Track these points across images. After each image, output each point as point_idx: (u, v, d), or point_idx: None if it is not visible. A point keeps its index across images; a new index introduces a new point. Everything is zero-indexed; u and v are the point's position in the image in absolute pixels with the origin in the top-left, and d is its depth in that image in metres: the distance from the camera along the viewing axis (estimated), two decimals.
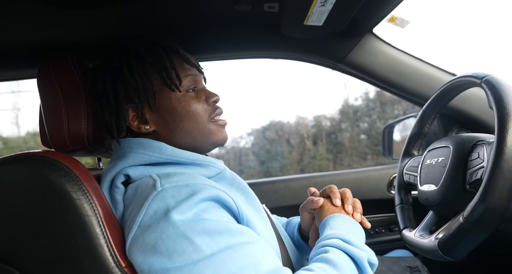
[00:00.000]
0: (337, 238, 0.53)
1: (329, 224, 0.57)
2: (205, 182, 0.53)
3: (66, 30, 0.75)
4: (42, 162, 0.52)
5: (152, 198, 0.49)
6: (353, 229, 0.57)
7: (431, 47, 1.32)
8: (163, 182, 0.51)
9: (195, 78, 0.66)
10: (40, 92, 0.69)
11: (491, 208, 0.52)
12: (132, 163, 0.59)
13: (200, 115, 0.64)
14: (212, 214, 0.48)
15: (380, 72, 1.02)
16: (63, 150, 0.66)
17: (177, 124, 0.63)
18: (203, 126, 0.64)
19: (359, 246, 0.52)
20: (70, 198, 0.50)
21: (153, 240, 0.46)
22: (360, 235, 0.57)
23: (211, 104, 0.66)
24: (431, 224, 0.76)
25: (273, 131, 4.19)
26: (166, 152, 0.60)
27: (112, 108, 0.62)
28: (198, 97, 0.65)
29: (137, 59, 0.63)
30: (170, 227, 0.45)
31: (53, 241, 0.50)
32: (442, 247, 0.61)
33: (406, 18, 0.89)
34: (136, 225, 0.48)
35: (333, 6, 0.72)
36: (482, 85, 0.64)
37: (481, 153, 0.65)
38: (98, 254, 0.49)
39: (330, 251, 0.50)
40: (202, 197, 0.48)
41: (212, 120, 0.65)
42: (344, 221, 0.58)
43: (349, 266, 0.49)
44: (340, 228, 0.55)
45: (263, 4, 0.77)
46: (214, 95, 0.67)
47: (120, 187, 0.58)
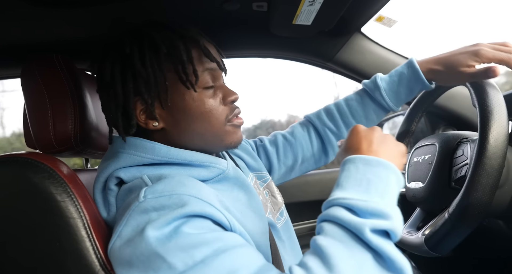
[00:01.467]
0: (338, 205, 0.43)
1: (340, 176, 0.48)
2: (193, 192, 0.47)
3: (51, 29, 0.73)
4: (25, 164, 0.51)
5: (133, 208, 0.47)
6: (370, 179, 0.45)
7: (418, 46, 1.34)
8: (147, 192, 0.48)
9: (214, 73, 0.58)
10: (24, 92, 0.67)
11: (475, 204, 0.53)
12: (124, 164, 0.55)
13: (215, 117, 0.57)
14: (191, 226, 0.44)
15: (368, 71, 1.03)
16: (49, 151, 0.65)
17: (188, 124, 0.57)
18: (217, 128, 0.58)
19: (363, 210, 0.41)
20: (55, 200, 0.50)
21: (128, 255, 0.44)
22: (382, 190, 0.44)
23: (229, 104, 0.59)
24: (418, 220, 0.77)
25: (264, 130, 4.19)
26: (160, 153, 0.55)
27: (119, 101, 0.55)
28: (215, 96, 0.58)
29: (150, 48, 0.54)
30: (143, 244, 0.43)
31: (37, 245, 0.49)
32: (428, 243, 0.62)
33: (393, 18, 0.90)
34: (116, 235, 0.46)
35: (322, 5, 0.73)
36: (466, 84, 0.65)
37: (465, 150, 0.67)
38: (83, 257, 0.48)
39: (326, 234, 0.42)
40: (184, 212, 0.44)
41: (228, 122, 0.59)
42: (360, 167, 0.46)
43: (345, 251, 0.40)
44: (349, 186, 0.45)
45: (251, 3, 0.77)
46: (233, 94, 0.59)
47: (113, 189, 0.56)
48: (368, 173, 0.45)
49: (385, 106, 0.75)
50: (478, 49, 0.63)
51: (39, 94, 0.64)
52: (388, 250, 0.39)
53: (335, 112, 0.80)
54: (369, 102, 0.76)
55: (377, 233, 0.40)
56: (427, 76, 0.70)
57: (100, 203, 0.57)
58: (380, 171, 0.46)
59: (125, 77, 0.55)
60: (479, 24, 2.60)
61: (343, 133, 0.79)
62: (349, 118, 0.78)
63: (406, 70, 0.72)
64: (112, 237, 0.47)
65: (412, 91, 0.72)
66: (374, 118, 0.77)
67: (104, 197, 0.57)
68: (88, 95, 0.71)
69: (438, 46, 2.02)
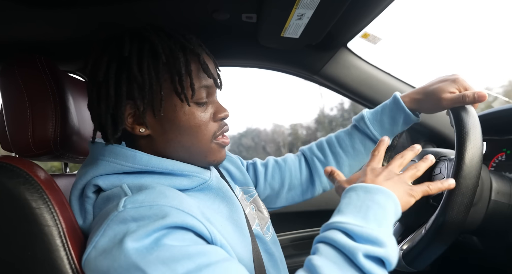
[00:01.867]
0: (335, 228, 0.45)
1: (341, 203, 0.49)
2: (174, 203, 0.47)
3: (35, 30, 0.72)
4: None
5: (112, 218, 0.45)
6: (369, 205, 0.46)
7: (400, 63, 1.41)
8: (127, 202, 0.46)
9: (209, 90, 0.58)
10: (3, 93, 0.65)
11: (450, 221, 0.55)
12: (103, 171, 0.54)
13: (203, 132, 0.57)
14: (172, 238, 0.43)
15: (353, 85, 1.05)
16: (26, 155, 0.63)
17: (175, 135, 0.56)
18: (203, 144, 0.58)
19: (358, 235, 0.43)
20: (29, 207, 0.48)
21: (105, 268, 0.43)
22: (381, 217, 0.45)
23: (218, 121, 0.59)
24: (397, 235, 0.79)
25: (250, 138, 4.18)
26: (140, 162, 0.54)
27: (110, 101, 0.53)
28: (205, 111, 0.58)
29: (150, 54, 0.53)
30: (122, 255, 0.41)
31: (9, 253, 0.47)
32: (406, 258, 0.63)
33: (378, 35, 0.93)
34: (92, 245, 0.45)
35: (309, 20, 0.75)
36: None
37: (443, 168, 0.69)
38: (57, 267, 0.46)
39: (321, 254, 0.44)
40: (165, 223, 0.43)
41: (215, 139, 0.59)
42: (361, 195, 0.48)
43: (338, 272, 0.41)
44: (348, 211, 0.47)
45: (241, 14, 0.78)
46: (224, 111, 0.59)
47: (90, 196, 0.54)
48: (368, 199, 0.47)
49: (370, 136, 0.77)
50: (457, 77, 0.68)
51: (19, 95, 0.62)
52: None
53: (324, 143, 0.82)
54: (355, 132, 0.79)
55: (370, 259, 0.42)
56: (411, 106, 0.73)
57: (76, 210, 0.55)
58: (379, 198, 0.47)
59: (119, 79, 0.53)
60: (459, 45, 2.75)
61: (330, 162, 0.80)
62: (336, 148, 0.80)
63: (388, 101, 0.76)
64: (87, 247, 0.46)
65: (395, 120, 0.75)
66: (361, 149, 0.79)
67: (81, 204, 0.55)
68: (70, 98, 0.69)
69: (420, 65, 2.09)
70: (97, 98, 0.55)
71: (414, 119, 0.74)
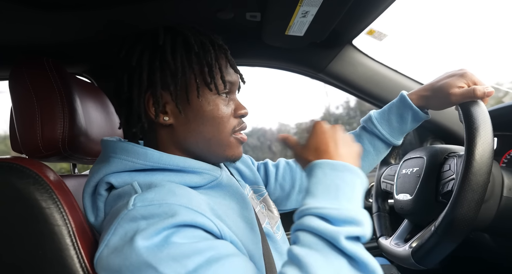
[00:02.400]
0: (312, 214, 0.45)
1: (309, 182, 0.49)
2: (183, 201, 0.47)
3: (43, 32, 0.73)
4: (9, 169, 0.50)
5: (122, 216, 0.46)
6: (338, 184, 0.47)
7: (407, 59, 1.38)
8: (136, 200, 0.47)
9: (232, 86, 0.61)
10: (12, 95, 0.66)
11: (460, 219, 0.54)
12: (115, 169, 0.54)
13: (224, 124, 0.58)
14: (182, 236, 0.44)
15: (359, 83, 1.04)
16: (35, 156, 0.63)
17: (197, 125, 0.57)
18: (223, 137, 0.59)
19: (337, 219, 0.43)
20: (39, 207, 0.48)
21: (117, 266, 0.43)
22: (350, 195, 0.46)
23: (238, 118, 0.61)
24: (406, 232, 0.78)
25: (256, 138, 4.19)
26: (152, 159, 0.54)
27: (142, 87, 0.55)
28: (228, 106, 0.59)
29: (183, 45, 0.56)
30: (133, 254, 0.42)
31: (19, 253, 0.48)
32: (415, 256, 0.62)
33: (383, 32, 0.92)
34: (104, 243, 0.45)
35: (314, 17, 0.74)
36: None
37: (452, 165, 0.68)
38: (67, 266, 0.47)
39: (302, 243, 0.43)
40: (175, 221, 0.44)
41: (234, 134, 0.60)
42: (328, 173, 0.48)
43: (322, 259, 0.41)
44: (319, 193, 0.46)
45: (245, 13, 0.78)
46: (244, 108, 0.61)
47: (103, 194, 0.55)
48: (336, 178, 0.48)
49: (379, 136, 0.76)
50: (465, 72, 0.67)
51: (28, 97, 0.63)
52: (362, 254, 0.42)
53: None
54: (363, 133, 0.79)
55: (351, 240, 0.43)
56: (419, 103, 0.72)
57: (88, 208, 0.56)
58: (346, 176, 0.48)
59: (152, 66, 0.56)
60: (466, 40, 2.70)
61: None
62: None
63: (395, 99, 0.76)
64: (100, 245, 0.46)
65: (403, 118, 0.74)
66: (371, 150, 0.78)
67: (93, 201, 0.56)
68: (78, 100, 0.70)
69: (426, 61, 2.06)
70: (129, 83, 0.56)
71: (423, 116, 0.73)
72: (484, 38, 2.97)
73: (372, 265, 0.41)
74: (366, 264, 0.41)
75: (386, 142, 0.77)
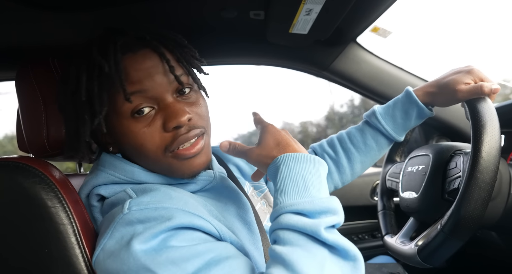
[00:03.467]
0: (287, 212, 0.43)
1: (276, 180, 0.47)
2: (179, 205, 0.46)
3: (47, 33, 0.73)
4: (16, 168, 0.50)
5: (118, 220, 0.45)
6: (304, 176, 0.46)
7: (412, 56, 1.36)
8: (131, 204, 0.46)
9: (146, 93, 0.49)
10: (19, 95, 0.67)
11: (467, 217, 0.53)
12: (102, 182, 0.53)
13: (148, 149, 0.49)
14: (180, 239, 0.43)
15: (364, 81, 1.04)
16: (42, 155, 0.64)
17: (131, 155, 0.53)
18: (157, 161, 0.51)
19: (312, 211, 0.43)
20: (45, 206, 0.49)
21: (115, 270, 0.43)
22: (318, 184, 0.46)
23: (171, 131, 0.49)
24: (411, 230, 0.77)
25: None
26: (139, 177, 0.53)
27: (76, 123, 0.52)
28: (152, 123, 0.49)
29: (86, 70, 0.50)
30: (131, 258, 0.41)
31: (26, 250, 0.48)
32: (421, 254, 0.62)
33: (388, 29, 0.91)
34: (100, 247, 0.45)
35: (318, 15, 0.74)
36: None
37: (458, 162, 0.67)
38: (72, 264, 0.47)
39: (284, 242, 0.42)
40: (171, 225, 0.43)
41: (171, 153, 0.50)
42: (292, 166, 0.46)
43: (306, 255, 0.40)
44: (288, 189, 0.45)
45: (249, 12, 0.78)
46: (173, 118, 0.48)
47: (96, 205, 0.54)
48: (301, 170, 0.47)
49: (382, 131, 0.75)
50: (471, 68, 0.66)
51: (34, 97, 0.64)
52: (342, 242, 0.42)
53: (335, 139, 0.81)
54: (367, 128, 0.78)
55: (328, 229, 0.43)
56: (424, 100, 0.72)
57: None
58: (309, 166, 0.47)
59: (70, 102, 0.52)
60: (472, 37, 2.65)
61: (341, 159, 0.79)
62: (347, 144, 0.79)
63: (401, 95, 0.75)
64: (96, 249, 0.46)
65: (407, 114, 0.73)
66: (373, 145, 0.77)
67: (89, 212, 0.56)
68: None
69: (432, 58, 2.04)
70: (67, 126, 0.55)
71: (428, 113, 0.72)
72: (491, 35, 2.94)
73: (352, 250, 0.42)
74: (347, 251, 0.42)
75: (389, 137, 0.76)
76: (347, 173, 0.80)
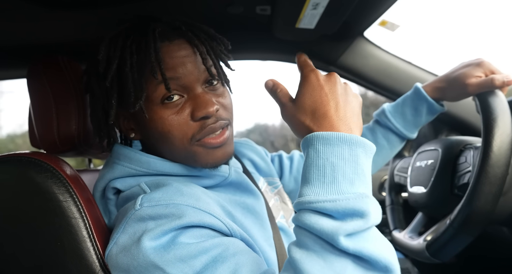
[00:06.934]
0: (307, 209, 0.38)
1: (304, 167, 0.40)
2: (190, 201, 0.46)
3: (57, 31, 0.74)
4: (28, 163, 0.52)
5: (129, 216, 0.46)
6: (334, 163, 0.38)
7: (420, 50, 1.33)
8: (143, 200, 0.46)
9: (179, 81, 0.49)
10: (30, 93, 0.68)
11: (477, 212, 0.53)
12: (118, 175, 0.54)
13: (175, 137, 0.50)
14: (189, 236, 0.43)
15: (371, 75, 1.02)
16: (53, 151, 0.65)
17: (156, 141, 0.52)
18: (183, 149, 0.51)
19: (335, 212, 0.36)
20: (57, 200, 0.50)
21: (125, 265, 0.44)
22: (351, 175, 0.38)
23: (198, 121, 0.50)
24: (420, 225, 0.77)
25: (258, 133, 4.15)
26: (155, 167, 0.53)
27: (102, 105, 0.54)
28: (180, 111, 0.49)
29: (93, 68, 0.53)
30: (140, 254, 0.42)
31: (38, 244, 0.49)
32: (430, 250, 0.62)
33: (396, 22, 0.90)
34: (113, 241, 0.46)
35: (325, 9, 0.73)
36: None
37: (468, 157, 0.66)
38: (84, 257, 0.48)
39: (300, 244, 0.38)
40: (182, 223, 0.43)
41: (196, 142, 0.51)
42: (321, 150, 0.39)
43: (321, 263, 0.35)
44: (313, 179, 0.39)
45: (255, 7, 0.78)
46: (202, 108, 0.49)
47: (112, 198, 0.55)
48: (331, 155, 0.38)
49: (392, 129, 0.75)
50: (482, 61, 0.65)
51: (45, 94, 0.65)
52: (368, 251, 0.35)
53: None
54: (377, 127, 0.77)
55: (353, 237, 0.36)
56: (434, 95, 0.71)
57: (101, 210, 0.57)
58: (344, 150, 0.38)
59: (94, 92, 0.54)
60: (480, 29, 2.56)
61: None
62: None
63: (409, 92, 0.74)
64: (110, 242, 0.47)
65: (417, 110, 0.72)
66: (385, 144, 0.77)
67: (104, 204, 0.57)
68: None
69: (441, 52, 2.00)
70: (93, 109, 0.56)
71: (439, 108, 0.71)
72: (502, 27, 2.86)
73: (384, 259, 0.35)
74: (377, 261, 0.35)
75: (400, 135, 0.76)
76: None
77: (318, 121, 0.41)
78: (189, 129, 0.50)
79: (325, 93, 0.42)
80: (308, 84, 0.43)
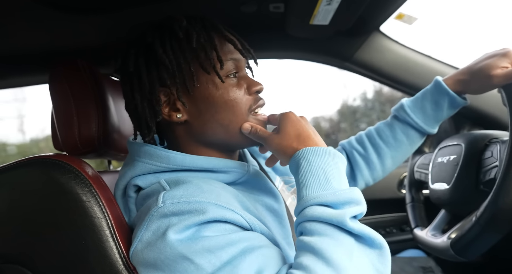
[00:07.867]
0: (312, 205, 0.45)
1: (298, 174, 0.49)
2: (211, 198, 0.47)
3: (76, 36, 0.76)
4: (52, 165, 0.53)
5: (152, 213, 0.47)
6: (324, 169, 0.47)
7: (440, 43, 1.28)
8: (165, 197, 0.48)
9: (237, 63, 0.57)
10: (52, 97, 0.70)
11: (505, 209, 0.51)
12: (139, 172, 0.55)
13: (239, 105, 0.55)
14: (213, 230, 0.45)
15: (389, 70, 1.00)
16: (75, 153, 0.67)
17: (211, 115, 0.55)
18: (241, 119, 0.56)
19: (336, 202, 0.44)
20: (80, 200, 0.51)
21: (152, 259, 0.44)
22: (338, 176, 0.48)
23: (253, 95, 0.57)
24: (443, 223, 0.75)
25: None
26: (175, 161, 0.54)
27: (144, 89, 0.54)
28: (239, 85, 0.56)
29: (171, 36, 0.54)
30: (167, 247, 0.43)
31: (64, 243, 0.51)
32: (455, 247, 0.60)
33: (413, 15, 0.87)
34: (137, 239, 0.47)
35: (339, 4, 0.72)
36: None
37: (494, 151, 0.64)
38: (107, 256, 0.49)
39: (311, 232, 0.43)
40: (205, 218, 0.45)
41: (252, 113, 0.57)
42: (312, 160, 0.48)
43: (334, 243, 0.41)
44: (310, 182, 0.47)
45: (268, 5, 0.77)
46: (257, 84, 0.57)
47: (132, 196, 0.56)
48: (321, 163, 0.48)
49: (412, 124, 0.73)
50: (508, 51, 0.63)
51: (66, 98, 0.67)
52: (367, 231, 0.43)
53: (363, 135, 0.80)
54: (395, 122, 0.76)
55: (353, 219, 0.44)
56: (456, 88, 0.69)
57: (121, 209, 0.58)
58: (328, 159, 0.49)
59: (149, 67, 0.54)
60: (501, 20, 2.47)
61: (370, 155, 0.78)
62: (376, 140, 0.77)
63: (429, 86, 0.72)
64: (133, 241, 0.48)
65: (438, 105, 0.70)
66: (404, 139, 0.75)
67: (124, 203, 0.58)
68: (110, 99, 0.73)
69: (462, 44, 1.93)
70: (131, 89, 0.56)
71: (461, 102, 0.69)
72: None
73: (377, 239, 0.43)
74: (373, 239, 0.43)
75: (420, 130, 0.74)
76: (378, 169, 0.79)
77: (304, 141, 0.51)
78: (247, 101, 0.57)
79: (303, 124, 0.54)
80: (289, 118, 0.54)
